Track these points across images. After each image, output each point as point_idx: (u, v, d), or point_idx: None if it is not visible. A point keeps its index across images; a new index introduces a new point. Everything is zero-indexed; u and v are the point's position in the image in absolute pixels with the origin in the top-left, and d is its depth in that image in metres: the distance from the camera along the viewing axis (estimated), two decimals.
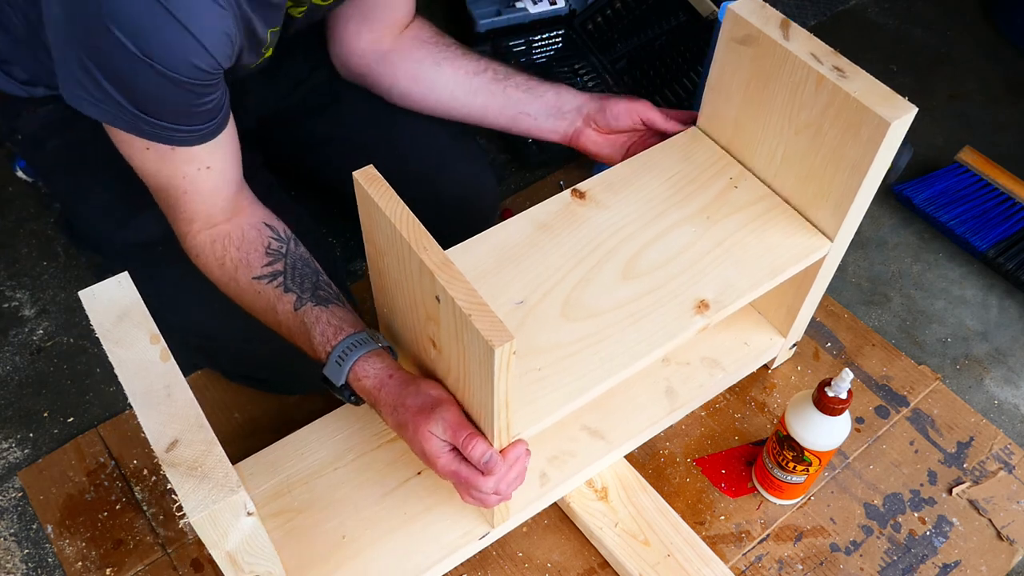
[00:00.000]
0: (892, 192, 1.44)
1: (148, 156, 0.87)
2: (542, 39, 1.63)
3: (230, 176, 0.92)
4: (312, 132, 1.20)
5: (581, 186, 1.01)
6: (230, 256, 0.93)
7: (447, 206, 1.19)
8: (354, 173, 0.79)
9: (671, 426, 1.14)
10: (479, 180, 1.22)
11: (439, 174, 1.18)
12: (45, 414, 1.18)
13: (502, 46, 1.61)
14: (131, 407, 0.69)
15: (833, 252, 0.99)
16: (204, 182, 0.90)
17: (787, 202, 1.01)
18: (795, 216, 1.00)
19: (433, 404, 0.83)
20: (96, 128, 0.98)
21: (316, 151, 1.21)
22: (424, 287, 0.77)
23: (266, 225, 0.95)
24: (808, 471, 1.01)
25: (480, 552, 1.02)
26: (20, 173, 1.26)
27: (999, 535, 1.08)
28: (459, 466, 0.83)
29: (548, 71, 1.58)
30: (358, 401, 0.91)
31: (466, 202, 1.21)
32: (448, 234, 1.26)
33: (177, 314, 1.03)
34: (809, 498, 1.10)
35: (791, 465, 1.01)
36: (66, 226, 1.28)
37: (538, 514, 1.01)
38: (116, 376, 0.70)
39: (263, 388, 1.18)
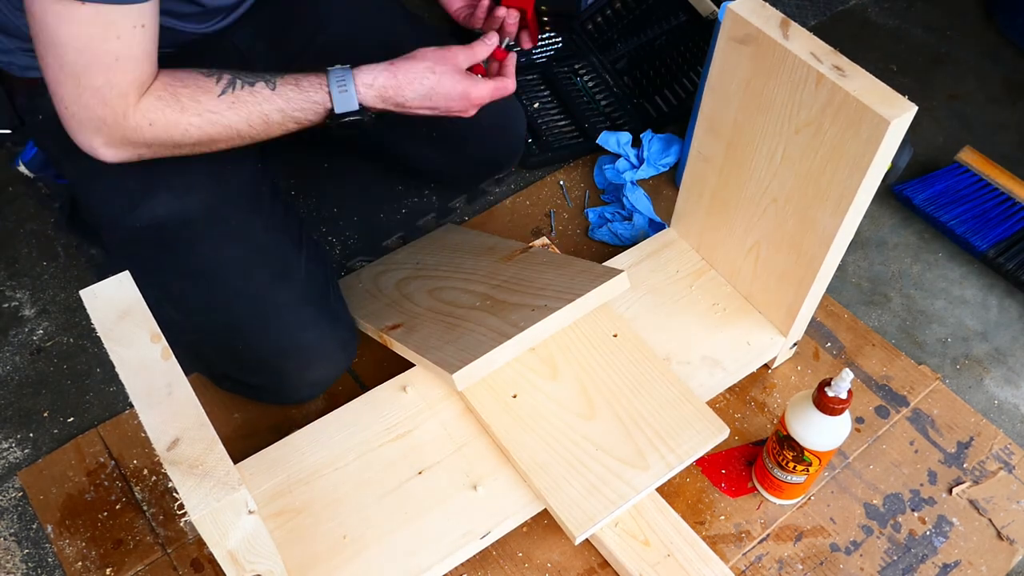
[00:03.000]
0: (892, 192, 1.44)
1: (82, 17, 0.82)
2: (542, 39, 1.63)
3: (155, 34, 0.90)
4: None
5: None
6: (184, 95, 0.91)
7: (486, 135, 1.25)
8: None
9: None
10: (511, 105, 1.26)
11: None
12: (45, 414, 1.18)
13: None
14: (131, 407, 0.69)
15: (834, 249, 1.00)
16: (138, 44, 0.86)
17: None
18: None
19: (446, 56, 0.98)
20: None
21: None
22: None
23: (188, 68, 0.93)
24: (808, 471, 1.01)
25: (480, 552, 1.02)
26: (22, 167, 1.23)
27: (999, 535, 1.08)
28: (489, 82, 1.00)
29: (548, 71, 1.58)
30: (373, 116, 0.98)
31: (503, 128, 1.27)
32: (489, 159, 1.32)
33: (176, 307, 1.03)
34: (809, 498, 1.10)
35: (791, 465, 1.01)
36: (70, 217, 1.27)
37: (538, 514, 1.01)
38: (116, 376, 0.70)
39: (252, 395, 1.16)
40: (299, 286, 1.04)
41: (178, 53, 1.09)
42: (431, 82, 0.98)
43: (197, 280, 1.02)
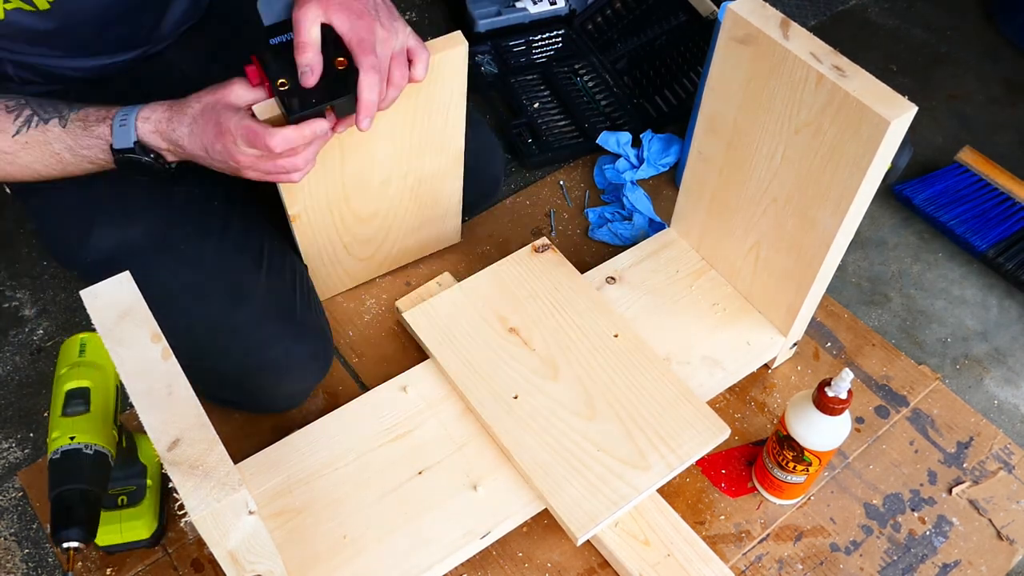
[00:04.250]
0: (892, 192, 1.44)
1: None
2: (542, 39, 1.63)
3: None
4: None
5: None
6: None
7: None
8: None
9: None
10: (485, 146, 1.22)
11: None
12: (45, 414, 1.18)
13: (502, 46, 1.61)
14: (131, 407, 0.69)
15: (834, 249, 1.00)
16: None
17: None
18: None
19: (217, 89, 0.89)
20: None
21: None
22: None
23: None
24: (808, 471, 1.01)
25: (480, 552, 1.02)
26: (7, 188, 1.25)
27: (999, 535, 1.08)
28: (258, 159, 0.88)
29: (548, 71, 1.58)
30: (160, 162, 0.93)
31: (475, 170, 1.22)
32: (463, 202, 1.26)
33: None
34: (809, 498, 1.10)
35: (791, 465, 1.01)
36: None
37: (538, 514, 1.01)
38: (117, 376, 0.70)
39: (234, 408, 1.15)
40: (258, 304, 1.03)
41: (118, 76, 1.09)
42: (193, 112, 0.89)
43: (153, 306, 1.01)
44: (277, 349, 1.03)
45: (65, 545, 0.84)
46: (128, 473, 0.99)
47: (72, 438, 0.88)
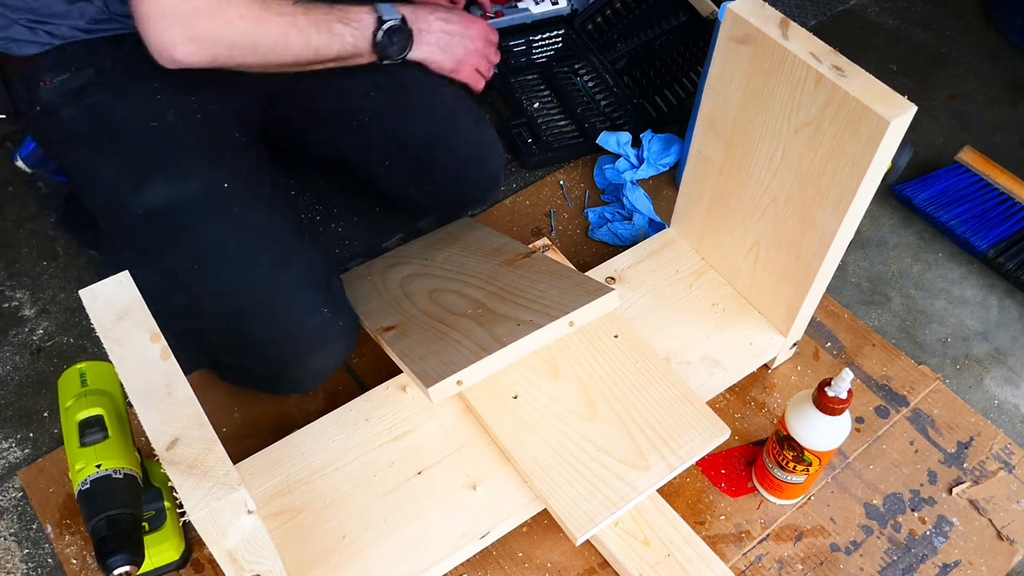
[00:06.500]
0: (892, 192, 1.44)
1: None
2: (542, 39, 1.63)
3: None
4: (317, 105, 1.20)
5: None
6: None
7: (459, 167, 1.22)
8: None
9: None
10: (487, 139, 1.24)
11: (450, 136, 1.20)
12: (45, 414, 1.18)
13: (502, 46, 1.61)
14: (131, 406, 0.69)
15: (834, 249, 1.00)
16: None
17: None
18: None
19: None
20: (117, 93, 0.98)
21: (324, 124, 1.21)
22: None
23: None
24: (808, 471, 1.01)
25: (480, 552, 1.02)
26: (20, 163, 1.22)
27: (999, 535, 1.08)
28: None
29: (548, 71, 1.58)
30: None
31: (477, 163, 1.23)
32: (460, 193, 1.29)
33: (181, 291, 1.02)
34: (809, 498, 1.10)
35: (791, 465, 1.01)
36: (65, 216, 1.28)
37: (538, 514, 1.01)
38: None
39: (254, 385, 1.16)
40: (302, 272, 1.04)
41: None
42: (438, 14, 1.17)
43: (201, 263, 1.01)
44: (315, 319, 1.04)
45: (117, 572, 0.83)
46: (146, 498, 0.98)
47: (98, 466, 0.88)
